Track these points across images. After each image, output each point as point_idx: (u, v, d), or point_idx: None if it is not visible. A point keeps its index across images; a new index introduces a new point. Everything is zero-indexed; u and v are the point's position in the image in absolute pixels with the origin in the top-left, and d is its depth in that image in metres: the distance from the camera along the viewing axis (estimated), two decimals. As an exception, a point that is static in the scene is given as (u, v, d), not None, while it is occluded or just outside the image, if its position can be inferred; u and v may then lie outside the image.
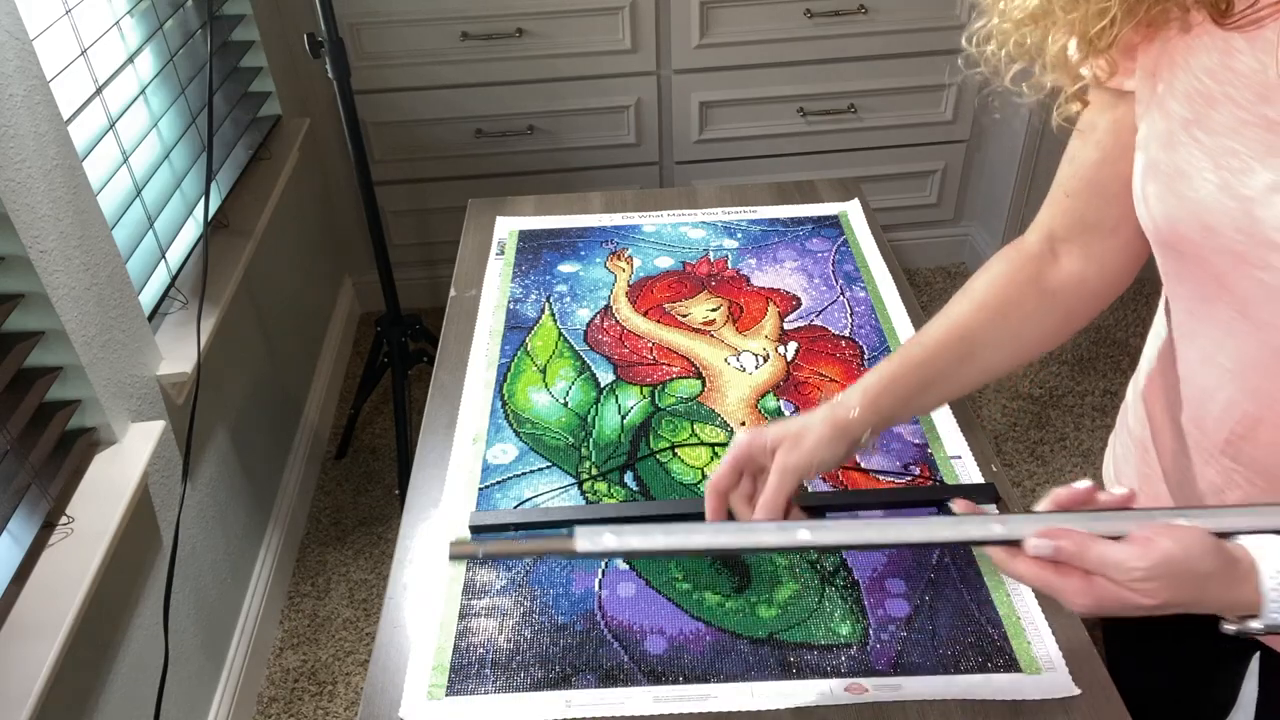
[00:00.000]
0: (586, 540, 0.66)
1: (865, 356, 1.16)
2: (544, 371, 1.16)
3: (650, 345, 1.20)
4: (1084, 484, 0.69)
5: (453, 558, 0.77)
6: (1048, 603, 0.87)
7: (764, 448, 0.80)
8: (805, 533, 0.68)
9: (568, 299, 1.28)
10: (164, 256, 1.54)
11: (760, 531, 0.70)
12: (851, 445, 0.81)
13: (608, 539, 0.66)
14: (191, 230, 1.63)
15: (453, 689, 0.82)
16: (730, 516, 0.82)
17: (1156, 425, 0.87)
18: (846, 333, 1.20)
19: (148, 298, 1.47)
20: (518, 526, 0.96)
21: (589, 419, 1.09)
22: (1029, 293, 0.83)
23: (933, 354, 0.83)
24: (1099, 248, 0.80)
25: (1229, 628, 0.64)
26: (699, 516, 0.96)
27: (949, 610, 0.86)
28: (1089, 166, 0.78)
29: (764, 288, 1.29)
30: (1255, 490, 0.76)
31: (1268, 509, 0.68)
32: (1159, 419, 0.86)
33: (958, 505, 0.72)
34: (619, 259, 1.36)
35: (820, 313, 1.24)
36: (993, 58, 0.75)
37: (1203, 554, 0.62)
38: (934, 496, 0.97)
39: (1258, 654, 0.95)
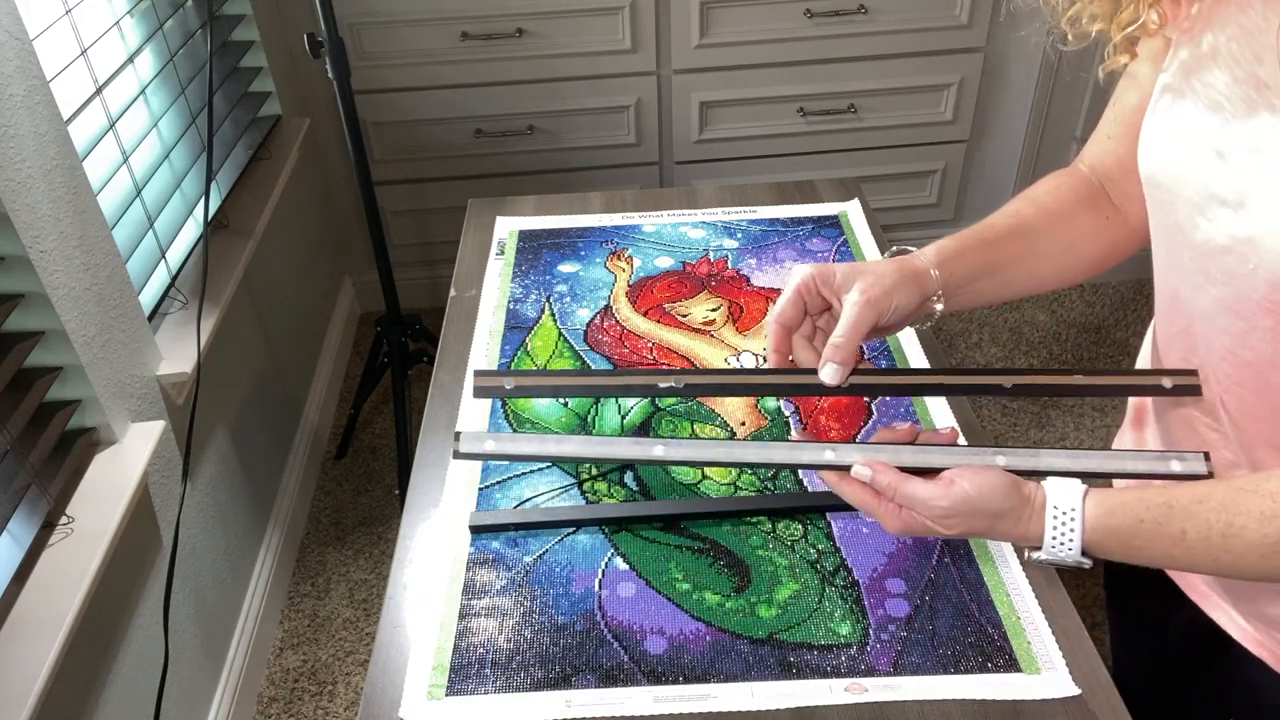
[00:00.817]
0: (468, 443, 0.79)
1: (865, 355, 1.16)
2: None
3: (650, 345, 1.20)
4: (904, 425, 0.79)
5: (478, 392, 0.80)
6: (1048, 603, 0.87)
7: (831, 280, 0.79)
8: (660, 448, 0.78)
9: (568, 299, 1.28)
10: (164, 256, 1.54)
11: (618, 444, 0.82)
12: (923, 301, 0.81)
13: (488, 444, 0.79)
14: (191, 230, 1.63)
15: (453, 689, 0.82)
16: (788, 362, 0.81)
17: (1153, 360, 0.89)
18: (846, 333, 1.20)
19: (148, 298, 1.47)
20: (518, 527, 0.96)
21: (589, 419, 1.09)
22: (1085, 210, 0.85)
23: (1000, 238, 0.84)
24: (1138, 190, 0.81)
25: (1024, 556, 0.74)
26: (699, 516, 0.97)
27: (949, 610, 0.86)
28: (1130, 111, 0.81)
29: (764, 288, 1.29)
30: (1213, 436, 0.78)
31: (1079, 453, 0.75)
32: (1154, 355, 0.88)
33: (797, 433, 0.81)
34: (619, 259, 1.36)
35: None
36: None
37: (994, 494, 0.71)
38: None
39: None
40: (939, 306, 0.82)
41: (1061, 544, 0.70)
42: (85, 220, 1.27)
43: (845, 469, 0.75)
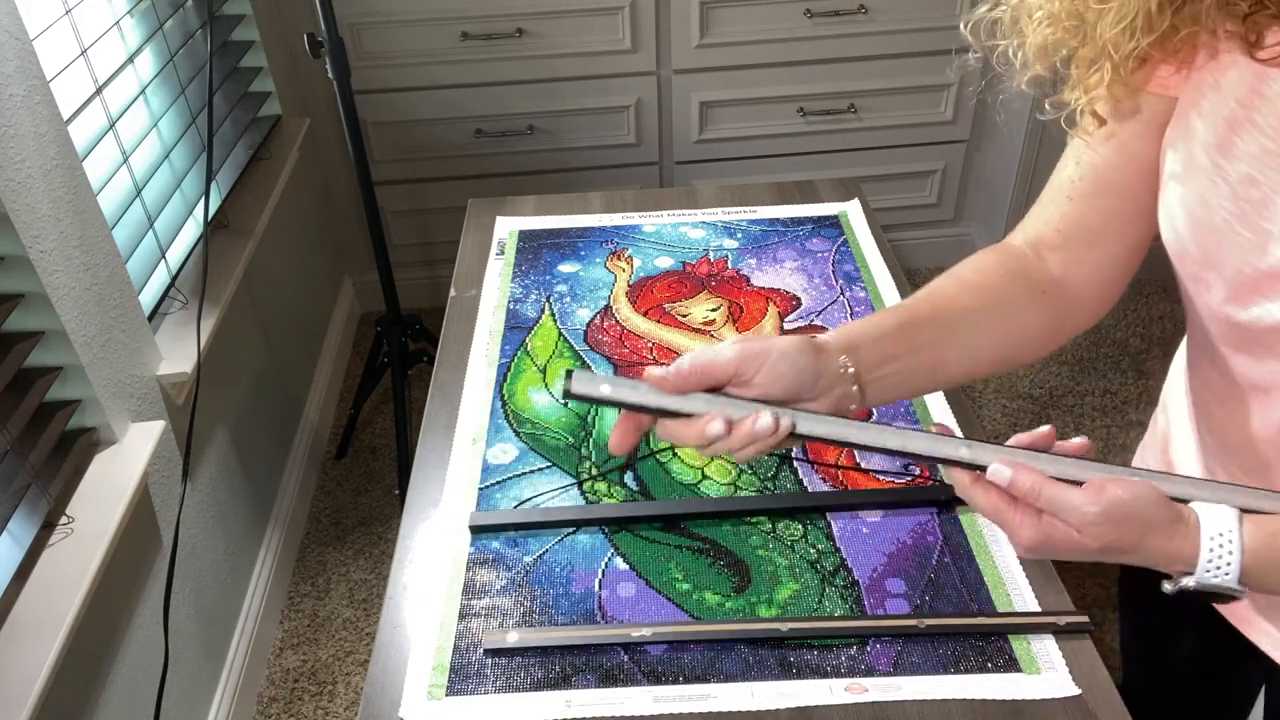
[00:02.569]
0: (581, 383, 0.68)
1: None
2: (544, 371, 1.16)
3: (650, 345, 1.20)
4: (1045, 429, 0.69)
5: (570, 394, 0.68)
6: (1048, 603, 0.87)
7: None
8: (786, 419, 0.67)
9: (568, 299, 1.28)
10: (164, 256, 1.54)
11: (729, 405, 0.68)
12: (821, 378, 0.70)
13: (603, 388, 0.68)
14: (191, 230, 1.63)
15: (453, 689, 0.82)
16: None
17: (1173, 419, 0.87)
18: (846, 333, 1.20)
19: (148, 298, 1.47)
20: (518, 527, 0.96)
21: (589, 419, 1.09)
22: (1017, 284, 0.78)
23: (919, 318, 0.76)
24: (1097, 254, 0.77)
25: (1167, 586, 0.66)
26: (699, 516, 0.97)
27: (949, 610, 0.86)
28: (1108, 169, 0.74)
29: (764, 288, 1.29)
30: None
31: (1222, 487, 0.69)
32: (1176, 412, 0.86)
33: (935, 427, 0.73)
34: (619, 259, 1.36)
35: (820, 313, 1.24)
36: (1009, 55, 0.73)
37: (1149, 503, 0.65)
38: (934, 497, 0.97)
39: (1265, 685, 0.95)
40: (854, 389, 0.72)
41: (1219, 567, 0.64)
42: (85, 220, 1.27)
43: (980, 469, 0.67)
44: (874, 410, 1.08)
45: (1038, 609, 0.86)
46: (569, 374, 0.68)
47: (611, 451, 0.71)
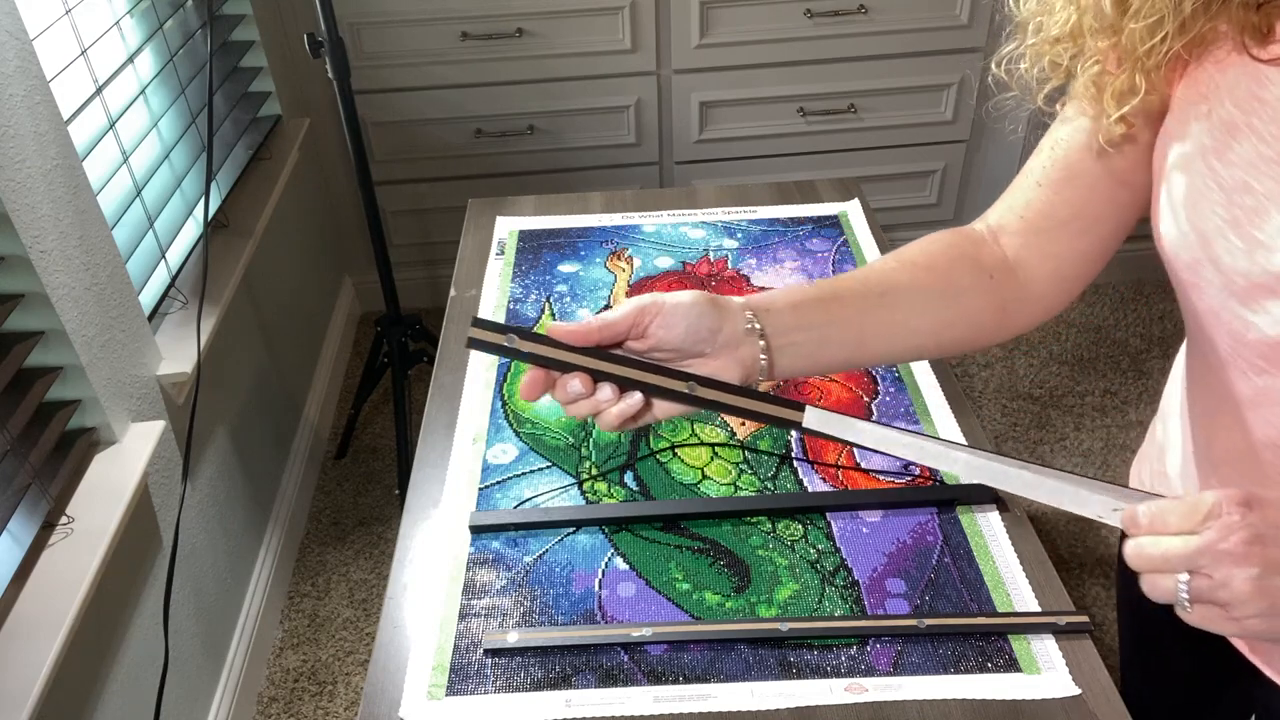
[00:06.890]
0: (482, 331, 0.64)
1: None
2: (544, 371, 1.16)
3: (650, 345, 1.20)
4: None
5: (471, 342, 0.65)
6: (1048, 603, 0.87)
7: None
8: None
9: (568, 299, 1.28)
10: (164, 256, 1.54)
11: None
12: (718, 333, 0.67)
13: (505, 338, 0.64)
14: (191, 230, 1.64)
15: (453, 689, 0.82)
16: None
17: (1169, 428, 0.87)
18: (846, 333, 1.20)
19: (148, 298, 1.47)
20: (518, 527, 0.96)
21: (589, 419, 1.09)
22: (962, 266, 0.76)
23: (848, 289, 0.73)
24: (1058, 246, 0.75)
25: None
26: (699, 516, 0.97)
27: (949, 610, 0.86)
28: (1082, 158, 0.72)
29: (764, 288, 1.29)
30: None
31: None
32: (1173, 422, 0.85)
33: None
34: (619, 259, 1.36)
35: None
36: (1025, 76, 0.71)
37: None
38: (934, 497, 0.97)
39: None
40: (761, 351, 0.69)
41: None
42: (85, 220, 1.27)
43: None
44: (874, 410, 1.08)
45: (1038, 609, 0.86)
46: (474, 321, 0.64)
47: (521, 397, 0.67)
